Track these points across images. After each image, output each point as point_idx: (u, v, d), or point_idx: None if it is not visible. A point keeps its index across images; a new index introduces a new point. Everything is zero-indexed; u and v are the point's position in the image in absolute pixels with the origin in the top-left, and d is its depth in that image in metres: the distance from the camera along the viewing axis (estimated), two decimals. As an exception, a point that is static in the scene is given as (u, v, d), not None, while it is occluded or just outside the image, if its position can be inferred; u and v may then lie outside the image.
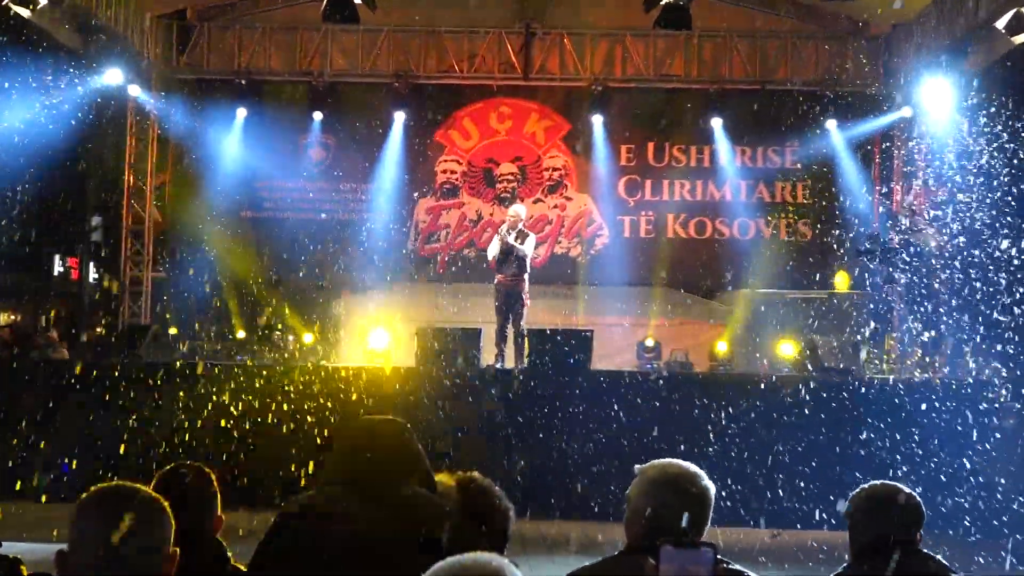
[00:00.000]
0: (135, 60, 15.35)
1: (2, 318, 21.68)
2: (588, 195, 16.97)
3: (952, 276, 12.58)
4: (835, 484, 8.90)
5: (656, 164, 16.97)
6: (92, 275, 21.78)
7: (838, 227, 16.23)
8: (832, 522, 8.58)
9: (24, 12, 12.26)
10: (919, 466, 9.34)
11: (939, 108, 14.09)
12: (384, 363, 14.95)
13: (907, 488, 3.14)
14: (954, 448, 9.75)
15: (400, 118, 16.39)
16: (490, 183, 16.95)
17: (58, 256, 23.26)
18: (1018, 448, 10.04)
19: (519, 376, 10.70)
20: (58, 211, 18.57)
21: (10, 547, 3.22)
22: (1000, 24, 12.30)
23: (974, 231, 12.39)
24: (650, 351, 15.93)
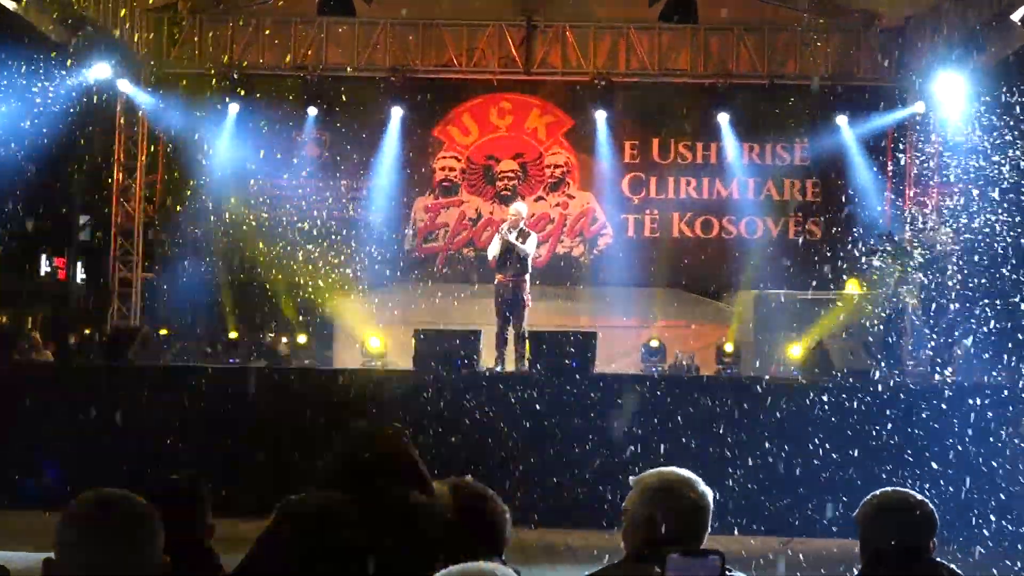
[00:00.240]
0: (124, 54, 15.35)
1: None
2: (591, 193, 16.97)
3: (967, 276, 12.56)
4: (846, 490, 8.89)
5: (661, 161, 16.98)
6: (80, 275, 21.81)
7: (849, 226, 16.21)
8: (841, 530, 8.57)
9: (9, 4, 12.26)
10: (933, 472, 9.33)
11: (953, 103, 14.08)
12: (380, 366, 14.99)
13: (920, 495, 3.14)
14: (969, 454, 9.73)
15: (397, 114, 16.39)
16: (490, 181, 16.95)
17: (45, 256, 23.31)
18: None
19: (520, 380, 10.69)
20: (45, 210, 18.59)
21: (-4, 556, 3.22)
22: (1016, 16, 12.29)
23: (990, 230, 12.37)
24: (655, 354, 15.95)
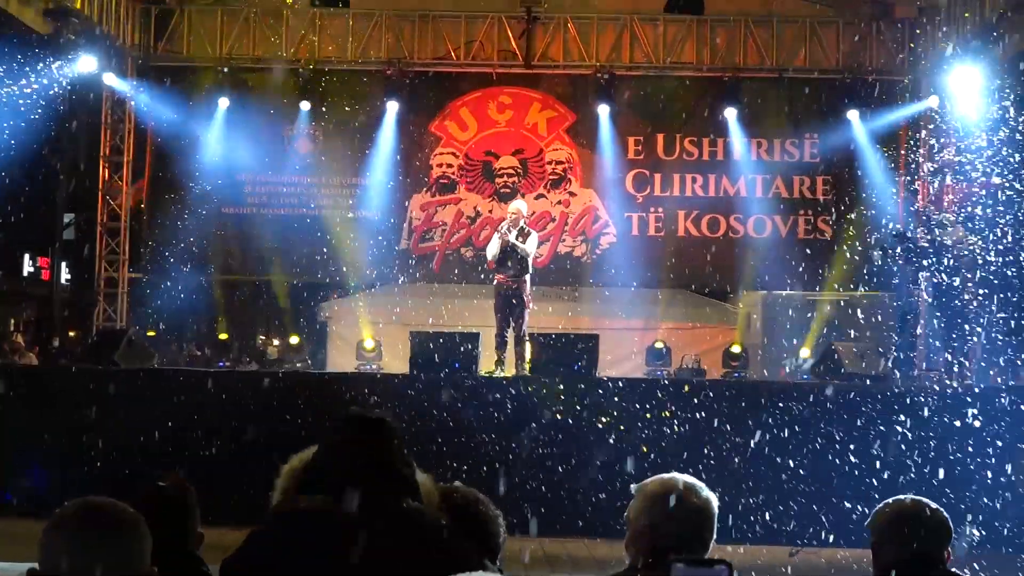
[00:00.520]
0: (110, 47, 15.36)
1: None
2: (593, 190, 16.95)
3: (983, 276, 12.55)
4: (857, 499, 8.89)
5: (666, 157, 16.97)
6: (64, 276, 21.78)
7: (860, 224, 16.20)
8: (853, 539, 8.57)
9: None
10: (947, 479, 9.33)
11: (968, 97, 14.07)
12: (375, 368, 15.00)
13: (933, 503, 3.13)
14: (986, 460, 9.73)
15: (393, 108, 16.37)
16: (489, 177, 16.94)
17: (28, 256, 23.29)
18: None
19: (520, 383, 10.69)
20: (28, 208, 18.56)
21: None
22: (1033, 8, 12.32)
23: (1007, 228, 12.37)
24: (660, 356, 15.96)
